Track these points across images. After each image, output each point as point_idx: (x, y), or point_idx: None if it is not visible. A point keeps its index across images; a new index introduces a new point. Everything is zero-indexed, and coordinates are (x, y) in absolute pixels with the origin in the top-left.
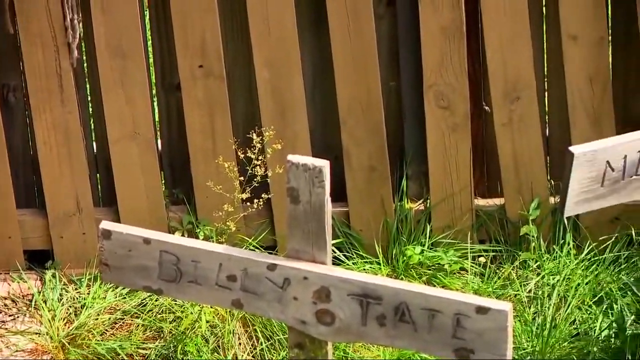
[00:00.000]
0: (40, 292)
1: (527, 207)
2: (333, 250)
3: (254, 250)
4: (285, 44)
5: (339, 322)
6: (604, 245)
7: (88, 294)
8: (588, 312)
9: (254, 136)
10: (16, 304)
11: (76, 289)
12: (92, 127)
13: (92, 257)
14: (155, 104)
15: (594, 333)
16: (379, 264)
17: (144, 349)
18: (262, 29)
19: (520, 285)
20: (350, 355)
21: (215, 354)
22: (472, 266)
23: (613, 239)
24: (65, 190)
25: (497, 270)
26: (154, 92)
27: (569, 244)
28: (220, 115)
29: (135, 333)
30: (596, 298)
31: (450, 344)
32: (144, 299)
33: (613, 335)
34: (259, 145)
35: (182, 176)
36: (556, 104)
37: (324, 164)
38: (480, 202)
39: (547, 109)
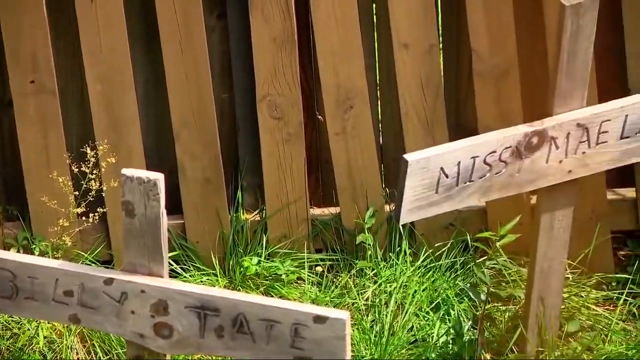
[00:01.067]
0: None
1: (363, 216)
2: (170, 263)
3: (90, 265)
4: (117, 58)
5: (177, 335)
6: (440, 251)
7: None
8: (425, 319)
9: (88, 150)
10: None
11: None
12: None
13: None
14: None
15: (432, 339)
16: (216, 275)
17: None
18: (93, 43)
19: (358, 294)
20: None
21: None
22: (309, 276)
23: (449, 245)
24: None
25: (334, 279)
26: None
27: (405, 251)
28: (53, 130)
29: None
30: (433, 304)
31: (289, 354)
32: None
33: (451, 341)
34: (93, 159)
35: (16, 192)
36: (389, 112)
37: (159, 177)
38: (316, 211)
39: (380, 117)
